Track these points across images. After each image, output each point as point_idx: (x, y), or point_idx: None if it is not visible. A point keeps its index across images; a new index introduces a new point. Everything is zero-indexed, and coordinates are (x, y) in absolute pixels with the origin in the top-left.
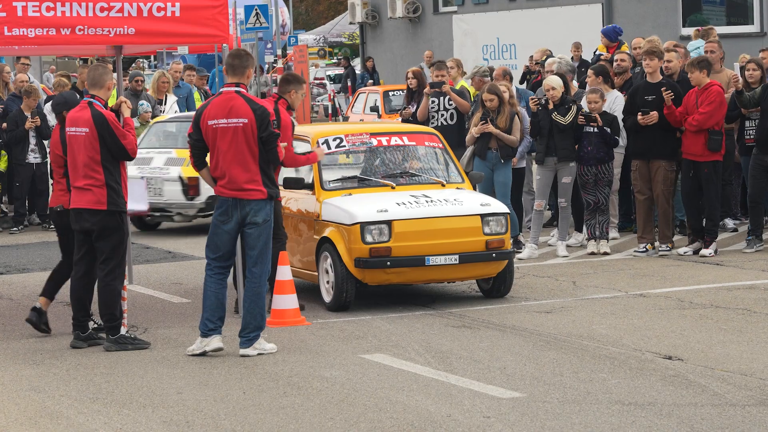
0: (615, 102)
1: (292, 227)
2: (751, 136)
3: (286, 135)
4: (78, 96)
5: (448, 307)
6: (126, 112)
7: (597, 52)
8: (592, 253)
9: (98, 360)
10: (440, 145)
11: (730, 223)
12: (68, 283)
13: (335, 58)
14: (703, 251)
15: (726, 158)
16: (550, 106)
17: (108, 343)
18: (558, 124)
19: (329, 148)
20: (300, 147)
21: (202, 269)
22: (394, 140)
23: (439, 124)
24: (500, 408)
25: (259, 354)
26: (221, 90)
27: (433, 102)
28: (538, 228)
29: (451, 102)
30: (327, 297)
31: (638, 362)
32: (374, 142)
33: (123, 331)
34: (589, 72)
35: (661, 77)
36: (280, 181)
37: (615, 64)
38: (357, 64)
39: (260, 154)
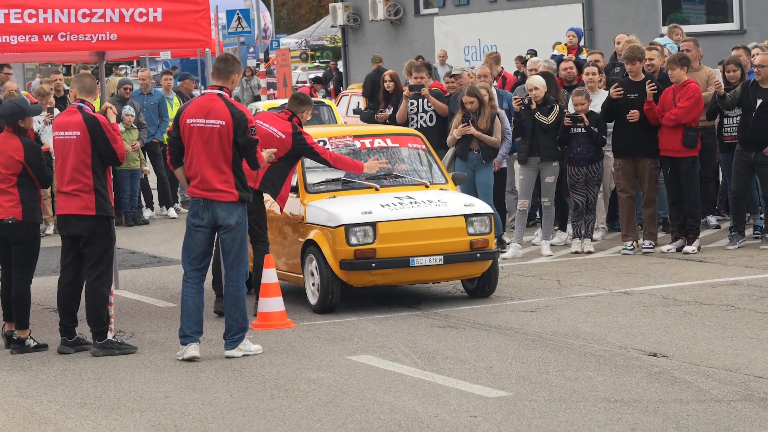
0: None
1: (277, 230)
2: (730, 134)
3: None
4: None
5: (434, 307)
6: (112, 118)
7: (557, 53)
8: (576, 252)
9: (85, 365)
10: (423, 147)
11: (712, 220)
12: (55, 288)
13: (317, 61)
14: (687, 248)
15: (708, 156)
16: (533, 106)
17: (95, 348)
18: (541, 123)
19: None
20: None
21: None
22: (378, 142)
23: (419, 126)
24: (487, 407)
25: (244, 355)
26: (205, 91)
27: (412, 104)
28: (521, 228)
29: (430, 104)
30: (313, 299)
31: (623, 359)
32: (358, 144)
33: (110, 336)
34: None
35: (643, 76)
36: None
37: (564, 72)
38: (341, 67)
39: (234, 158)
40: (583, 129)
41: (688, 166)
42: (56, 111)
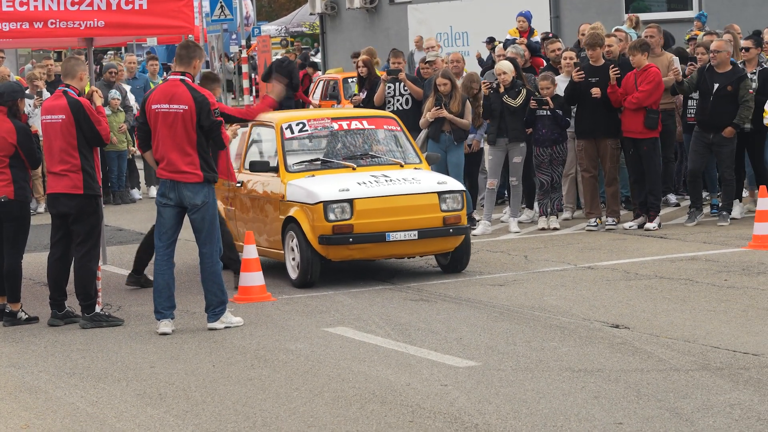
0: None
1: (259, 208)
2: (692, 115)
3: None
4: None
5: (407, 281)
6: (98, 101)
7: (510, 37)
8: (543, 229)
9: (74, 337)
10: (398, 129)
11: (672, 198)
12: (45, 263)
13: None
14: (648, 225)
15: (667, 136)
16: (501, 90)
17: (83, 320)
18: (509, 106)
19: (292, 132)
20: (265, 133)
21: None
22: (355, 124)
23: (395, 109)
24: (457, 376)
25: (226, 327)
26: (168, 77)
27: (389, 88)
28: (491, 206)
29: (406, 88)
30: (293, 274)
31: (587, 331)
32: (335, 126)
33: (98, 309)
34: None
35: (603, 61)
36: (246, 165)
37: (552, 54)
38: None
39: (198, 140)
40: (548, 111)
41: (650, 147)
42: (45, 94)
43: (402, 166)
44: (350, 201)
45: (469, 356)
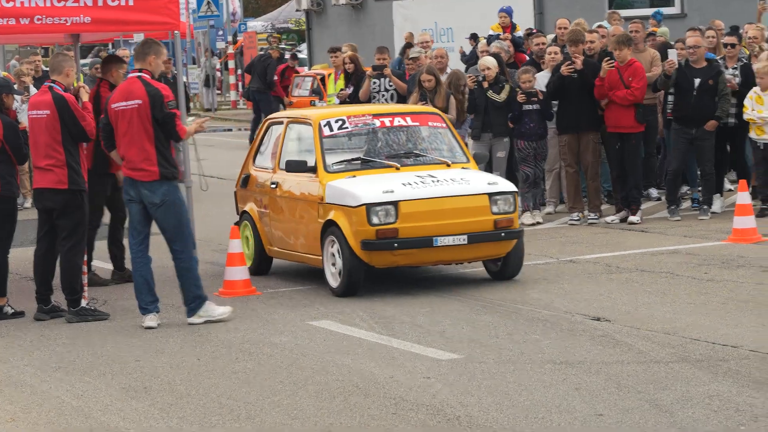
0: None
1: (294, 211)
2: (671, 111)
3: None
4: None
5: (390, 275)
6: (84, 97)
7: (492, 33)
8: (526, 224)
9: (60, 331)
10: (444, 125)
11: (654, 192)
12: (31, 258)
13: (283, 43)
14: (631, 218)
15: (650, 132)
16: (485, 85)
17: (69, 315)
18: (493, 101)
19: (331, 129)
20: (301, 131)
21: (156, 244)
22: (397, 121)
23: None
24: (440, 369)
25: (206, 321)
26: (128, 76)
27: (374, 83)
28: None
29: (391, 83)
30: (333, 282)
31: (569, 324)
32: (377, 123)
33: (83, 303)
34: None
35: (583, 57)
36: (282, 165)
37: (537, 48)
38: (303, 49)
39: (156, 135)
40: (535, 105)
41: (637, 141)
42: (33, 90)
43: (449, 165)
44: (395, 203)
45: (452, 349)
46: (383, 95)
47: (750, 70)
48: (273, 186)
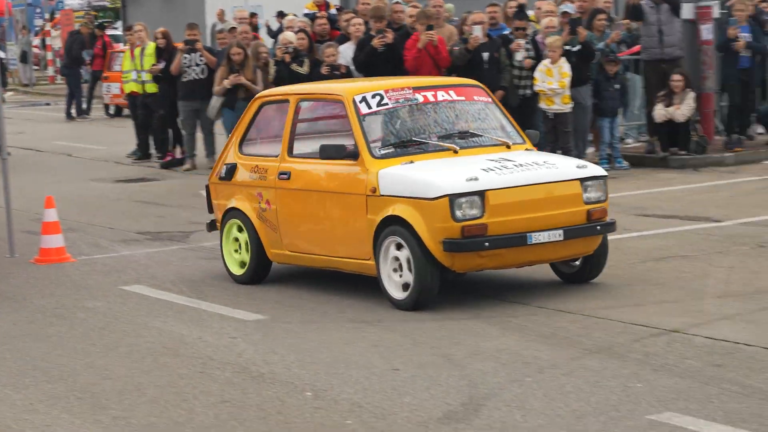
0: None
1: (323, 207)
2: None
3: None
4: None
5: (201, 241)
6: None
7: (308, 11)
8: None
9: None
10: (489, 100)
11: None
12: None
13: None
14: None
15: None
16: (288, 60)
17: None
18: (297, 74)
19: (369, 107)
20: (322, 109)
21: None
22: (441, 95)
23: (192, 79)
24: (246, 329)
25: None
26: None
27: (185, 58)
28: None
29: (202, 57)
30: (397, 292)
31: (371, 285)
32: (419, 97)
33: None
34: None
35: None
36: (294, 152)
37: (344, 23)
38: (120, 26)
39: None
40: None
41: None
42: None
43: (509, 147)
44: (481, 193)
45: (258, 310)
46: (194, 69)
47: (538, 44)
48: (283, 177)
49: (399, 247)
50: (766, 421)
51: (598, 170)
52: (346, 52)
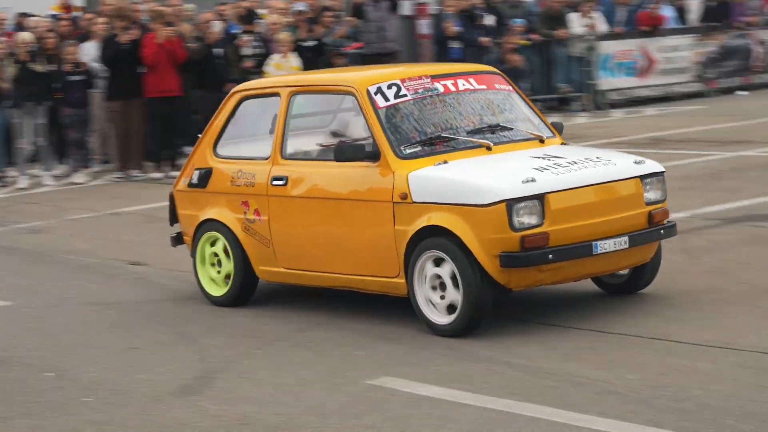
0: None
1: (334, 216)
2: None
3: None
4: None
5: None
6: None
7: (55, 12)
8: (74, 183)
9: None
10: (510, 88)
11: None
12: None
13: None
14: (172, 173)
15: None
16: (27, 58)
17: None
18: (35, 72)
19: (386, 99)
20: (325, 102)
21: None
22: (462, 84)
23: None
24: None
25: None
26: None
27: None
28: (24, 163)
29: None
30: (437, 316)
31: (110, 269)
32: (440, 87)
33: None
34: None
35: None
36: (288, 151)
37: (86, 22)
38: None
39: None
40: (83, 76)
41: (180, 104)
42: None
43: (542, 141)
44: (541, 197)
45: (3, 297)
46: None
47: (266, 40)
48: (278, 183)
49: (438, 262)
50: (474, 381)
51: (657, 166)
52: (89, 50)
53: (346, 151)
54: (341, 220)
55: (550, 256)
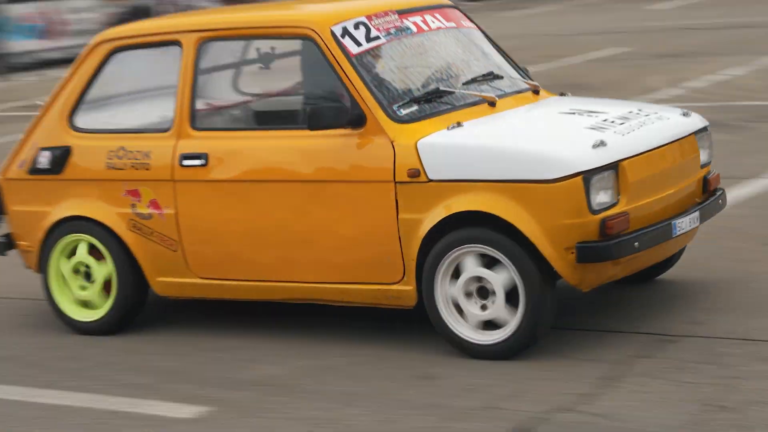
0: None
1: (301, 208)
2: None
3: None
4: None
5: None
6: None
7: None
8: None
9: None
10: (473, 24)
11: None
12: None
13: None
14: None
15: None
16: None
17: None
18: None
19: (358, 44)
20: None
21: None
22: (431, 21)
23: None
24: None
25: None
26: None
27: None
28: None
29: None
30: (473, 333)
31: None
32: (412, 27)
33: None
34: None
35: None
36: (200, 124)
37: None
38: None
39: None
40: None
41: None
42: None
43: (537, 93)
44: (615, 166)
45: None
46: None
47: None
48: (192, 163)
49: (474, 260)
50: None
51: (702, 119)
52: None
53: (325, 115)
54: (308, 211)
55: (636, 243)
